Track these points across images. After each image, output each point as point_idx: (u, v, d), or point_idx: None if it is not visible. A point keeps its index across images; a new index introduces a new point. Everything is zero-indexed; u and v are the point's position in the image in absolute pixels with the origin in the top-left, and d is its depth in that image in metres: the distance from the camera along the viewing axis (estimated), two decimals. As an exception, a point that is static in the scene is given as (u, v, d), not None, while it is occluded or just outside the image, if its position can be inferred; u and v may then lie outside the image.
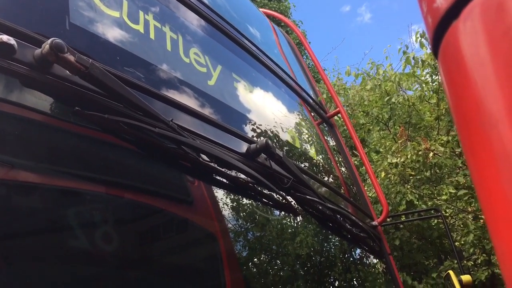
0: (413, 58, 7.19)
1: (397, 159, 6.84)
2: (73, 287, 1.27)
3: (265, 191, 2.15)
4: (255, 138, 2.41)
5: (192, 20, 2.48)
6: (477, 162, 0.51)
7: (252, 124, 2.54)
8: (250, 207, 2.22)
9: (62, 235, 1.31)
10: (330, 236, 3.22)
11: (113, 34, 1.76)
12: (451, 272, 3.85)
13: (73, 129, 1.47)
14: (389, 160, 6.91)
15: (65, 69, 1.29)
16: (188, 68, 2.17)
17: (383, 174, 7.21)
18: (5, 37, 1.17)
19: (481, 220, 7.06)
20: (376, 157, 8.07)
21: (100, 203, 1.46)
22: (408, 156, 6.70)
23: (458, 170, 6.94)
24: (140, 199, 1.63)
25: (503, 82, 0.45)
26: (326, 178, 3.56)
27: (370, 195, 6.01)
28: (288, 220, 2.59)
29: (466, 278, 3.79)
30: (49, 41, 1.21)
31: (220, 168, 1.84)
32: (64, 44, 1.23)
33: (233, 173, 1.92)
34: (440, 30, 0.53)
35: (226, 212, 2.03)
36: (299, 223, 2.73)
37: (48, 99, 1.35)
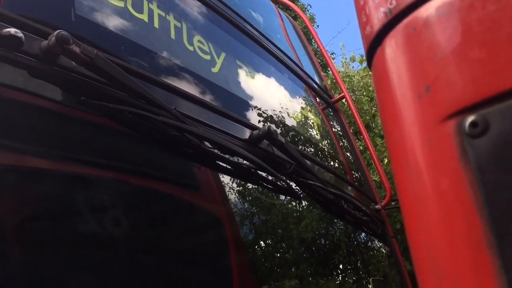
0: None
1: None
2: (81, 273, 1.33)
3: (268, 177, 2.20)
4: (260, 124, 2.45)
5: (196, 7, 2.51)
6: (394, 159, 0.65)
7: (256, 111, 2.58)
8: (253, 192, 2.27)
9: (69, 223, 1.36)
10: (334, 221, 3.27)
11: (117, 23, 1.80)
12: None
13: (79, 118, 1.52)
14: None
15: (71, 60, 1.33)
16: (192, 56, 2.21)
17: (386, 160, 7.21)
18: (12, 30, 1.21)
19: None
20: (381, 141, 8.08)
21: (105, 192, 1.51)
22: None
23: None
24: (144, 186, 1.69)
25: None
26: (330, 163, 3.60)
27: (375, 179, 6.04)
28: (291, 205, 2.65)
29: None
30: (55, 33, 1.26)
31: (223, 155, 1.89)
32: (70, 36, 1.28)
33: (235, 159, 1.97)
34: (371, 51, 0.68)
35: (230, 198, 2.08)
36: (303, 208, 2.78)
37: (55, 89, 1.40)
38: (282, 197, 2.53)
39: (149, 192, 1.70)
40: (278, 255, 2.42)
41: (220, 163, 1.96)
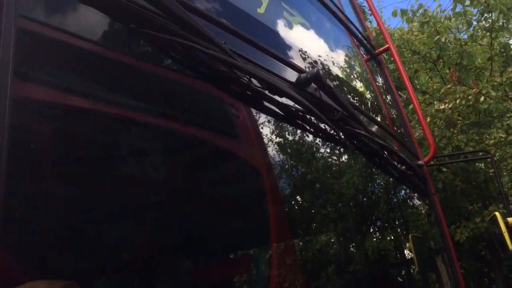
0: None
1: (445, 104, 6.58)
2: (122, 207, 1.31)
3: (314, 121, 2.13)
4: (304, 69, 2.36)
5: None
6: None
7: (301, 55, 2.48)
8: (299, 136, 2.21)
9: (103, 164, 1.32)
10: (376, 174, 3.19)
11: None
12: (497, 213, 3.78)
13: (128, 50, 1.47)
14: (436, 107, 6.65)
15: (122, -15, 1.27)
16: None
17: (428, 119, 6.99)
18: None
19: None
20: (422, 98, 7.82)
21: (141, 133, 1.47)
22: (457, 102, 6.44)
23: (510, 114, 6.66)
24: (189, 123, 1.64)
25: None
26: (374, 115, 3.49)
27: (416, 135, 5.88)
28: (337, 153, 2.58)
29: (512, 220, 3.72)
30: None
31: (271, 95, 1.82)
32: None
33: (283, 100, 1.90)
34: None
35: (275, 140, 2.03)
36: (347, 156, 2.71)
37: (104, 16, 1.35)
38: (328, 144, 2.46)
39: (196, 131, 1.66)
40: (318, 207, 2.38)
41: (267, 103, 1.89)
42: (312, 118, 2.06)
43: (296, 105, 1.93)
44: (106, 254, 1.22)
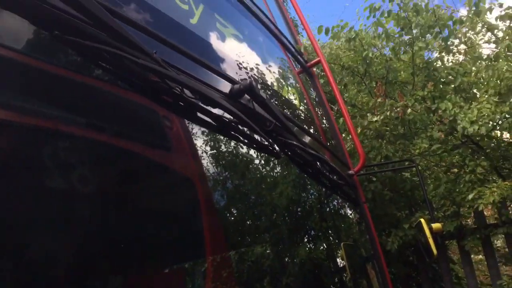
0: (378, 8, 6.94)
1: (376, 116, 6.88)
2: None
3: (247, 132, 2.13)
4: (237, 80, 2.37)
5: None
6: None
7: (234, 67, 2.49)
8: (232, 147, 2.21)
9: (41, 174, 1.26)
10: (309, 184, 3.25)
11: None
12: (422, 220, 3.96)
13: (51, 58, 1.40)
14: (369, 119, 6.93)
15: (44, -11, 1.22)
16: (169, 2, 2.09)
17: (359, 130, 7.26)
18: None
19: (452, 174, 7.26)
20: (352, 111, 8.12)
21: (77, 141, 1.41)
22: (388, 114, 6.74)
23: (432, 126, 7.05)
24: (119, 135, 1.59)
25: None
26: (306, 127, 3.56)
27: (347, 147, 6.07)
28: (269, 163, 2.60)
29: (436, 226, 3.91)
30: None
31: (203, 105, 1.81)
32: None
33: (216, 111, 1.89)
34: None
35: (207, 151, 2.01)
36: (281, 167, 2.75)
37: (25, 22, 1.28)
38: (260, 155, 2.47)
39: (125, 142, 1.61)
40: (252, 218, 2.39)
41: (200, 114, 1.87)
42: (245, 129, 2.07)
43: (229, 116, 1.93)
44: (31, 269, 1.15)
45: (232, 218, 2.21)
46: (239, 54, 2.65)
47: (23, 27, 1.29)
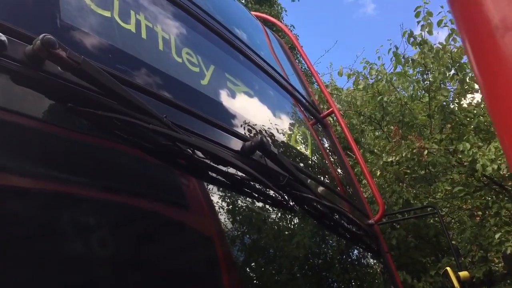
0: (403, 57, 7.18)
1: (392, 157, 6.84)
2: None
3: (261, 189, 2.14)
4: (249, 137, 2.40)
5: (184, 21, 2.48)
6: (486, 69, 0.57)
7: (245, 124, 2.53)
8: (246, 204, 2.21)
9: (55, 239, 1.28)
10: (327, 235, 3.21)
11: (103, 32, 1.76)
12: (448, 268, 3.85)
13: (66, 128, 1.45)
14: (384, 159, 6.91)
15: (57, 65, 1.28)
16: (180, 67, 2.16)
17: (378, 172, 7.21)
18: (-5, 34, 1.16)
19: (477, 217, 7.08)
20: (370, 157, 8.08)
21: (94, 204, 1.44)
22: (403, 155, 6.71)
23: (452, 168, 6.97)
24: (135, 197, 1.62)
25: None
26: (321, 178, 3.55)
27: (365, 195, 6.01)
28: (285, 218, 2.59)
29: (464, 274, 3.80)
30: (40, 36, 1.20)
31: (216, 165, 1.83)
32: (56, 40, 1.22)
33: (228, 170, 1.91)
34: None
35: (222, 209, 2.02)
36: (296, 221, 2.72)
37: (40, 96, 1.34)
38: (275, 210, 2.46)
39: (140, 206, 1.63)
40: (270, 273, 2.35)
41: (213, 174, 1.89)
42: (258, 185, 2.08)
43: (242, 174, 1.95)
44: None
45: (251, 274, 2.18)
46: (251, 111, 2.70)
47: (39, 101, 1.35)
